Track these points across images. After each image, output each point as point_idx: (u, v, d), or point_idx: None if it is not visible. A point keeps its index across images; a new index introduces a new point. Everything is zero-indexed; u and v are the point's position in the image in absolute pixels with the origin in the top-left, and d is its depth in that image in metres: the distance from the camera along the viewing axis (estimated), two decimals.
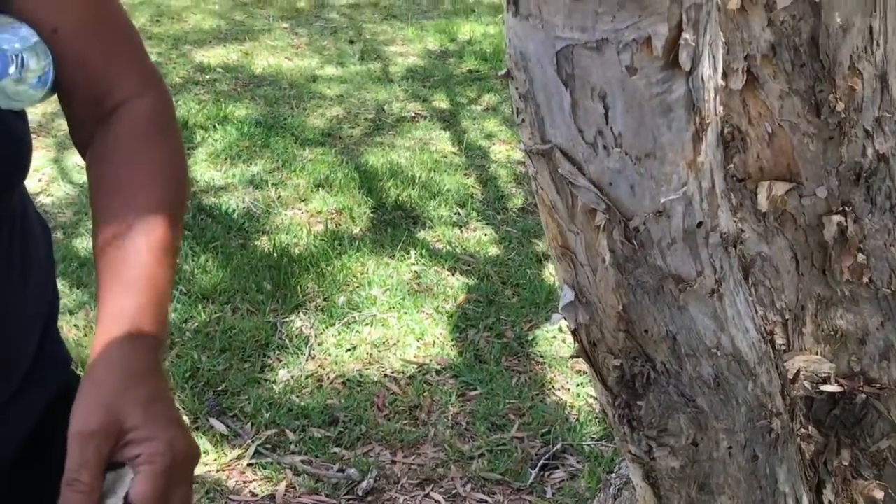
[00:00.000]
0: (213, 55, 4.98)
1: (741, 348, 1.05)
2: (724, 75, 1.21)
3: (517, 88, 0.93)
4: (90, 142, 0.86)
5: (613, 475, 1.55)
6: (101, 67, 0.85)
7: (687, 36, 0.83)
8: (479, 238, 3.25)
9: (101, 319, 0.76)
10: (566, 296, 1.05)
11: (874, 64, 1.19)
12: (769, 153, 1.24)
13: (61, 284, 2.73)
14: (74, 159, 3.51)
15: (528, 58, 0.88)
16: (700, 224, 0.96)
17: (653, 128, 0.89)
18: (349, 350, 2.54)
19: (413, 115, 4.43)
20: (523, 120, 0.95)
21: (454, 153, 4.00)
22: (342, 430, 2.21)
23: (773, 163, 1.25)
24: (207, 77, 4.67)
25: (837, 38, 1.15)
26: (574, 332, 1.12)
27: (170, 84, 4.51)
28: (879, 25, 1.18)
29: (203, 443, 2.14)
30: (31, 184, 2.95)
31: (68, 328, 2.55)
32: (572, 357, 1.10)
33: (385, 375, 2.45)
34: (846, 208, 1.26)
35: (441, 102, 4.61)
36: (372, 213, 3.38)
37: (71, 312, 2.63)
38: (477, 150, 4.03)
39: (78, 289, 2.74)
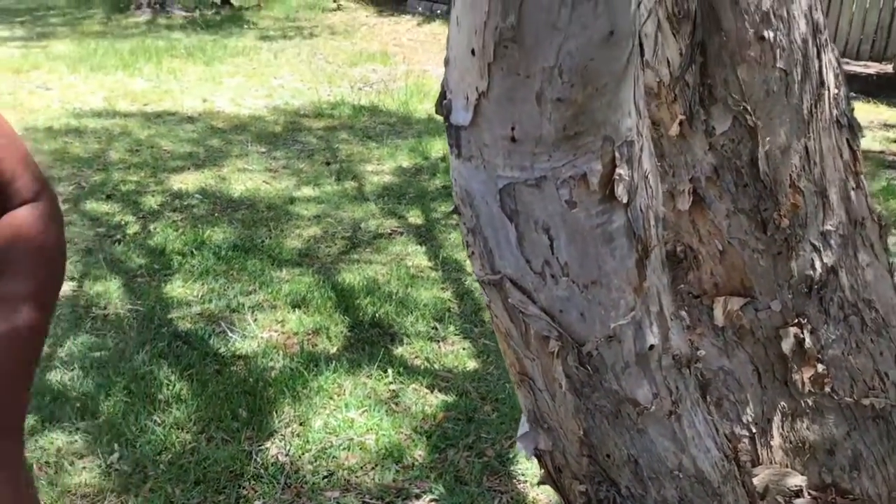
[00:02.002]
0: (191, 181, 5.07)
1: (703, 468, 1.05)
2: (671, 196, 1.26)
3: (465, 223, 0.96)
4: None
5: None
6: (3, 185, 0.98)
7: (621, 171, 0.87)
8: (458, 352, 3.24)
9: None
10: (523, 425, 1.05)
11: (813, 181, 1.24)
12: (722, 269, 1.28)
13: (34, 419, 2.69)
14: None
15: (473, 195, 0.92)
16: (651, 347, 0.98)
17: (597, 256, 0.92)
18: (326, 477, 2.49)
19: (389, 231, 4.49)
20: (473, 252, 0.98)
21: (430, 267, 4.04)
22: None
23: (726, 278, 1.28)
24: (185, 203, 4.74)
25: (776, 159, 1.21)
26: (539, 459, 1.11)
27: (147, 211, 4.57)
28: (815, 145, 1.23)
29: None
30: None
31: (39, 465, 2.49)
32: (539, 484, 1.09)
33: (364, 502, 2.39)
34: (801, 320, 1.29)
35: (416, 218, 4.68)
36: (349, 331, 3.38)
37: (45, 449, 2.57)
38: (453, 264, 4.07)
39: (50, 422, 2.69)
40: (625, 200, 0.89)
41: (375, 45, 9.34)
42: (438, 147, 5.84)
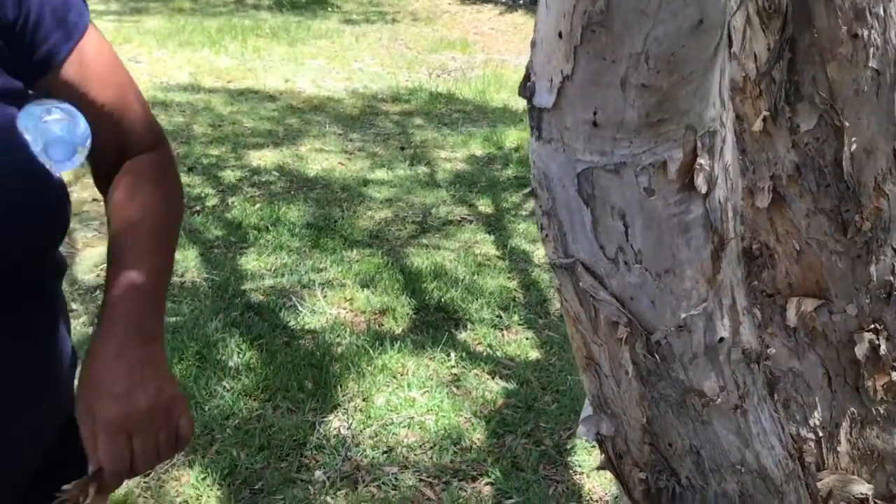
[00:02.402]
0: (269, 158, 5.19)
1: (767, 465, 1.04)
2: (751, 193, 1.24)
3: (541, 206, 0.97)
4: (110, 185, 1.07)
5: None
6: (127, 132, 1.07)
7: (702, 161, 0.87)
8: (521, 342, 3.26)
9: (103, 305, 0.95)
10: (586, 410, 1.07)
11: None
12: (798, 269, 1.26)
13: None
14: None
15: (550, 178, 0.93)
16: (721, 340, 0.98)
17: (671, 246, 0.92)
18: (386, 452, 2.54)
19: (459, 218, 4.52)
20: (547, 235, 0.99)
21: (498, 257, 4.06)
22: None
23: (801, 279, 1.26)
24: (262, 179, 4.86)
25: (861, 160, 1.18)
26: (600, 444, 1.12)
27: (226, 185, 4.70)
28: None
29: None
30: None
31: None
32: (599, 468, 1.10)
33: (421, 480, 2.43)
34: (878, 326, 1.26)
35: (486, 207, 4.70)
36: (414, 313, 3.42)
37: None
38: (521, 255, 4.08)
39: None
40: (703, 191, 0.89)
41: (456, 33, 9.36)
42: (513, 137, 5.84)
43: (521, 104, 6.79)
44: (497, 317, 3.45)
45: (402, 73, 7.60)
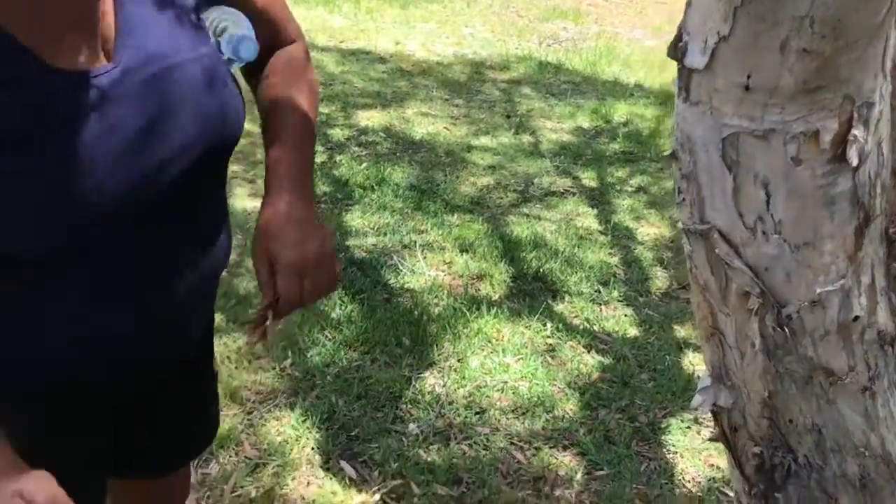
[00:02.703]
0: (377, 119, 5.26)
1: (892, 451, 1.02)
2: (894, 173, 1.20)
3: (680, 169, 0.96)
4: (261, 74, 1.20)
5: None
6: (278, 27, 1.20)
7: (857, 132, 0.84)
8: (619, 318, 3.23)
9: (268, 179, 1.10)
10: (705, 379, 1.06)
11: None
12: None
13: (219, 318, 2.93)
14: (238, 203, 3.79)
15: (693, 141, 0.92)
16: (856, 318, 0.95)
17: (814, 218, 0.90)
18: (478, 413, 2.58)
19: (562, 190, 4.49)
20: (684, 199, 0.98)
21: (600, 231, 4.02)
22: (465, 490, 2.24)
23: None
24: (370, 139, 4.93)
25: None
26: (715, 416, 1.12)
27: (335, 143, 4.79)
28: None
29: (332, 483, 2.22)
30: None
31: (221, 359, 2.73)
32: (711, 440, 1.09)
33: (512, 443, 2.46)
34: None
35: (590, 180, 4.65)
36: (512, 281, 3.44)
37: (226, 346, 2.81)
38: (623, 231, 4.03)
39: (234, 322, 2.93)
40: (854, 164, 0.86)
41: (569, 3, 9.20)
42: (622, 111, 5.74)
43: (632, 78, 6.65)
44: (596, 291, 3.43)
45: (512, 41, 7.54)
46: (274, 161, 1.10)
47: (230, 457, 2.31)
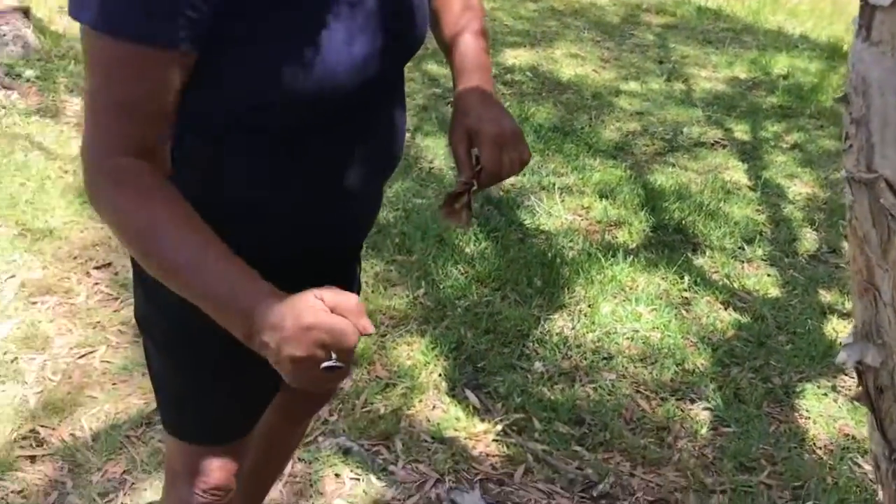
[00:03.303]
0: (523, 58, 5.20)
1: None
2: None
3: (851, 113, 0.91)
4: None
5: None
6: None
7: None
8: (761, 277, 3.11)
9: (460, 79, 1.20)
10: (850, 336, 1.01)
11: None
12: None
13: None
14: None
15: (869, 83, 0.87)
16: None
17: None
18: (606, 359, 2.57)
19: (711, 141, 4.32)
20: (851, 146, 0.93)
21: (749, 187, 3.85)
22: (587, 431, 2.25)
23: None
24: (515, 78, 4.90)
25: None
26: (860, 374, 1.07)
27: None
28: None
29: (457, 410, 2.29)
30: None
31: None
32: (853, 399, 1.05)
33: (637, 391, 2.44)
34: None
35: (743, 133, 4.45)
36: (651, 231, 3.36)
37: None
38: (774, 188, 3.85)
39: (373, 250, 3.03)
40: None
41: None
42: (782, 63, 5.42)
43: (798, 29, 6.26)
44: (739, 248, 3.31)
45: None
46: (462, 67, 1.20)
47: (363, 375, 2.42)
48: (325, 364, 0.87)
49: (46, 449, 2.09)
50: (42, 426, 2.15)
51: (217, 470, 1.28)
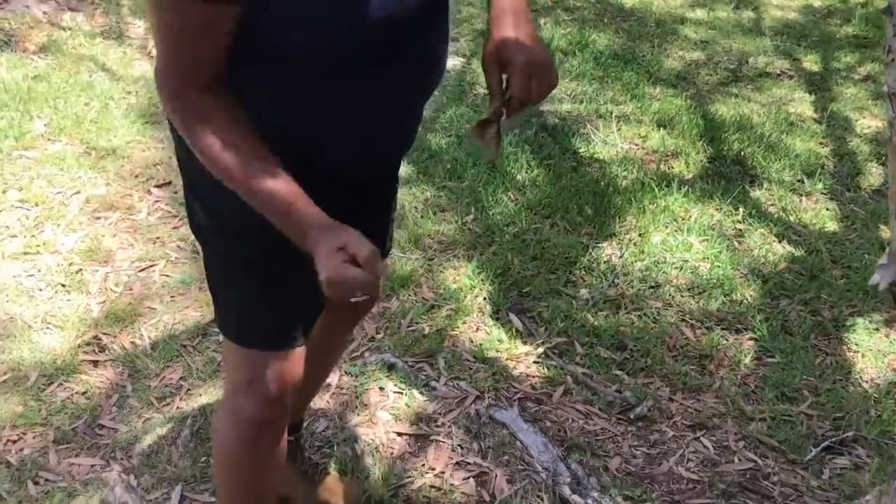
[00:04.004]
0: None
1: None
2: None
3: (895, 25, 0.89)
4: None
5: None
6: None
7: None
8: (819, 211, 3.04)
9: (493, 1, 1.20)
10: (886, 257, 1.00)
11: None
12: None
13: (410, 170, 3.06)
14: None
15: None
16: None
17: None
18: (653, 287, 2.57)
19: (778, 72, 4.18)
20: (893, 59, 0.91)
21: (813, 119, 3.73)
22: (628, 356, 2.27)
23: None
24: (576, 3, 4.78)
25: None
26: (893, 295, 1.06)
27: (541, 6, 4.69)
28: None
29: (500, 332, 2.33)
30: None
31: (408, 208, 2.86)
32: (887, 321, 1.04)
33: (682, 320, 2.44)
34: None
35: (812, 64, 4.28)
36: (708, 162, 3.30)
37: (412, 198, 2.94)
38: (841, 121, 3.72)
39: (424, 175, 3.05)
40: None
41: None
42: None
43: None
44: (798, 181, 3.23)
45: None
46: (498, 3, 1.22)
47: (409, 296, 2.47)
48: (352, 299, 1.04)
49: (108, 355, 2.20)
50: (104, 333, 2.27)
51: (273, 380, 1.33)
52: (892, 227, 1.02)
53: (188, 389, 2.10)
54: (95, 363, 2.18)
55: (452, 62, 3.82)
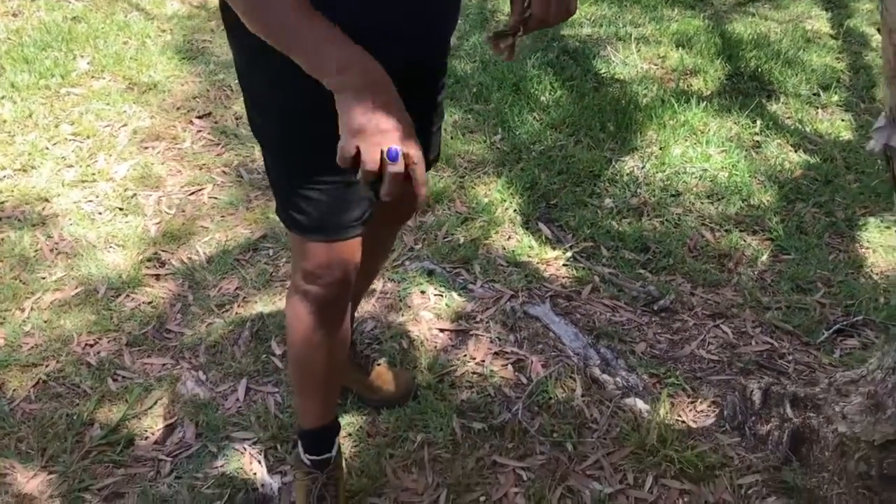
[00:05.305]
0: None
1: None
2: None
3: None
4: None
5: None
6: None
7: None
8: (835, 121, 3.14)
9: None
10: (881, 120, 1.13)
11: None
12: None
13: None
14: None
15: None
16: None
17: None
18: (674, 196, 2.70)
19: None
20: None
21: (830, 35, 3.80)
22: (651, 257, 2.42)
23: None
24: None
25: None
26: (888, 160, 1.19)
27: None
28: None
29: (530, 240, 2.48)
30: None
31: None
32: (888, 183, 1.18)
33: (703, 224, 2.58)
34: None
35: None
36: (726, 79, 3.39)
37: None
38: (857, 37, 3.78)
39: (451, 99, 3.18)
40: None
41: None
42: None
43: None
44: (814, 94, 3.32)
45: None
46: None
47: (444, 210, 2.62)
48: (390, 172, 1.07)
49: (168, 269, 2.39)
50: (163, 251, 2.45)
51: (335, 266, 1.44)
52: (886, 96, 1.15)
53: (244, 297, 2.28)
54: (157, 276, 2.36)
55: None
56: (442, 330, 2.17)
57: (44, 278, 2.32)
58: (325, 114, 1.13)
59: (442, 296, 2.28)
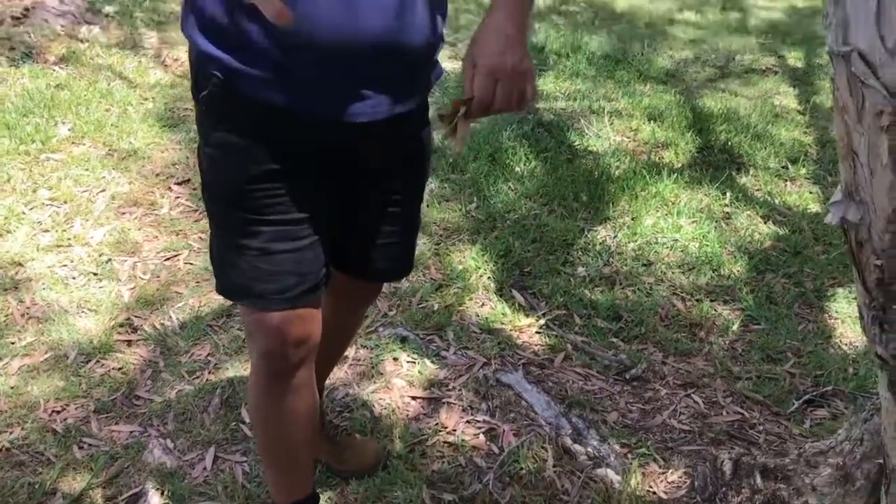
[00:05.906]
0: None
1: None
2: None
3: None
4: None
5: (869, 403, 1.61)
6: None
7: None
8: (803, 194, 3.22)
9: (491, 6, 1.21)
10: (837, 195, 1.16)
11: None
12: None
13: None
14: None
15: None
16: None
17: None
18: (645, 265, 2.74)
19: (763, 68, 4.37)
20: (830, 24, 1.08)
21: (798, 111, 3.92)
22: (623, 326, 2.44)
23: None
24: (570, 8, 4.98)
25: None
26: (845, 232, 1.23)
27: (536, 12, 4.88)
28: None
29: (504, 307, 2.50)
30: None
31: None
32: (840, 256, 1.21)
33: (674, 293, 2.61)
34: None
35: (796, 61, 4.47)
36: (697, 152, 3.48)
37: None
38: (824, 112, 3.90)
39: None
40: None
41: None
42: None
43: None
44: (783, 167, 3.41)
45: None
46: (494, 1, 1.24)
47: (418, 276, 2.64)
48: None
49: (140, 335, 2.37)
50: (136, 316, 2.43)
51: (276, 336, 1.39)
52: (840, 172, 1.19)
53: (216, 364, 2.27)
54: (129, 342, 2.34)
55: (452, 65, 4.01)
56: (414, 398, 2.16)
57: (13, 343, 2.29)
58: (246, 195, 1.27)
59: (415, 363, 2.28)
